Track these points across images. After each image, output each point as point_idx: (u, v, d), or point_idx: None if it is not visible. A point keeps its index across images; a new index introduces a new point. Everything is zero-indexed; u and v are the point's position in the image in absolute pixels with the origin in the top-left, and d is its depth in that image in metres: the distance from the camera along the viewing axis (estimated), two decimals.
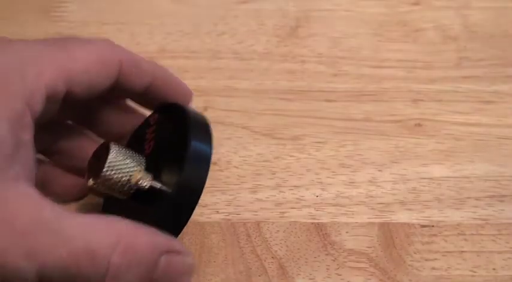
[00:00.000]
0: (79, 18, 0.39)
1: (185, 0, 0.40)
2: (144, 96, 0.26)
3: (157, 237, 0.22)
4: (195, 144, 0.24)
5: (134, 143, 0.28)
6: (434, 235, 0.29)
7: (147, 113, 0.28)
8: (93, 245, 0.20)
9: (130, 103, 0.28)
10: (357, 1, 0.40)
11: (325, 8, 0.40)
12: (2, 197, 0.19)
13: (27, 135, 0.21)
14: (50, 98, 0.22)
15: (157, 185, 0.24)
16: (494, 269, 0.28)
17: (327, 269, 0.28)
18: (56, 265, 0.19)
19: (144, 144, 0.27)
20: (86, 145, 0.28)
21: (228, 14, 0.39)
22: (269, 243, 0.29)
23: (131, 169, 0.25)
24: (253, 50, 0.37)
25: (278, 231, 0.29)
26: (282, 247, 0.29)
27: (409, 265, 0.28)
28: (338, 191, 0.31)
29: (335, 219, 0.30)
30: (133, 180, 0.24)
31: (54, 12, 0.39)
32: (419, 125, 0.34)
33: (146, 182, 0.24)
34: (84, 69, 0.23)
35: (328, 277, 0.28)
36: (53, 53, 0.23)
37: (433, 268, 0.28)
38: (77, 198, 0.29)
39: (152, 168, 0.25)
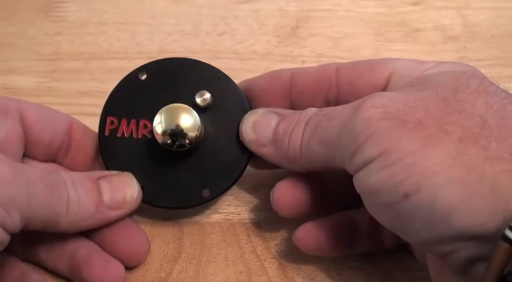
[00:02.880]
0: (79, 18, 0.39)
1: (185, 0, 0.40)
2: None
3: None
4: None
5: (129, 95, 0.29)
6: None
7: None
8: None
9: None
10: (357, 1, 0.40)
11: (325, 8, 0.40)
12: None
13: None
14: None
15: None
16: None
17: (328, 269, 0.28)
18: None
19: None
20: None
21: (228, 14, 0.39)
22: (269, 243, 0.29)
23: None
24: (253, 50, 0.37)
25: (278, 231, 0.29)
26: (282, 247, 0.29)
27: (408, 265, 0.28)
28: None
29: None
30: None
31: (54, 12, 0.39)
32: None
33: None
34: None
35: (329, 277, 0.28)
36: None
37: None
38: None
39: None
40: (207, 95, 0.28)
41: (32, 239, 0.27)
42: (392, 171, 0.21)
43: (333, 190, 0.28)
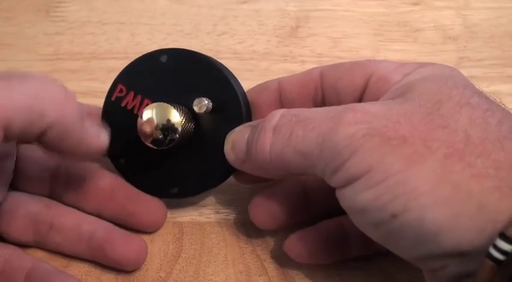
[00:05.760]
0: (79, 18, 0.39)
1: (185, 0, 0.40)
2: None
3: None
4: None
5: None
6: None
7: None
8: None
9: None
10: (357, 1, 0.40)
11: (325, 8, 0.40)
12: None
13: None
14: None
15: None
16: None
17: (328, 269, 0.28)
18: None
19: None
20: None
21: (228, 14, 0.39)
22: (269, 243, 0.29)
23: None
24: (253, 50, 0.37)
25: (278, 231, 0.29)
26: (282, 247, 0.29)
27: (408, 265, 0.28)
28: None
29: None
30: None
31: (54, 12, 0.39)
32: None
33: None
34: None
35: (329, 277, 0.28)
36: None
37: None
38: None
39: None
40: (204, 103, 0.27)
41: (47, 226, 0.28)
42: (378, 192, 0.20)
43: (318, 197, 0.28)
